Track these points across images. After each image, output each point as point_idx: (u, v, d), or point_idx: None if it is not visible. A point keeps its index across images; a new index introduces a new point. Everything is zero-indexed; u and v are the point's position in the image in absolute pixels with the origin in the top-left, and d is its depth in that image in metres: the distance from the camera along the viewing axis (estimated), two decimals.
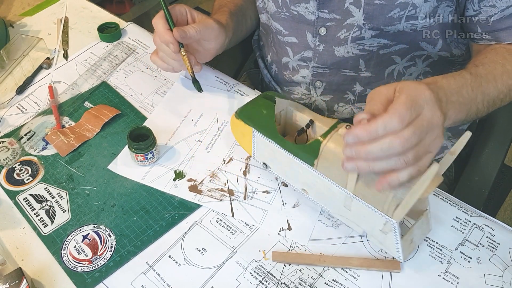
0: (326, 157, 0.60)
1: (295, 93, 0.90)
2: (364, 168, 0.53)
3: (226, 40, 0.82)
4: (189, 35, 0.75)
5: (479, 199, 0.81)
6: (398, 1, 0.71)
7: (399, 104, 0.51)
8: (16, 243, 0.65)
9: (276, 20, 0.84)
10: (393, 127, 0.50)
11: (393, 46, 0.78)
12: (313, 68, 0.84)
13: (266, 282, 0.61)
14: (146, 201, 0.70)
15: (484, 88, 0.67)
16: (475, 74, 0.67)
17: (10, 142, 0.78)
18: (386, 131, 0.50)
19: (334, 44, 0.79)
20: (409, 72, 0.83)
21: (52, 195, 0.71)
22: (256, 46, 1.02)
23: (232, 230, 0.66)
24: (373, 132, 0.50)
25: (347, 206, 0.61)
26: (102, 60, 0.93)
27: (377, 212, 0.57)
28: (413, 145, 0.51)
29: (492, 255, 0.63)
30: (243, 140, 0.72)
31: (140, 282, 0.61)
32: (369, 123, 0.50)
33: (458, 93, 0.62)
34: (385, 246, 0.61)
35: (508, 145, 0.87)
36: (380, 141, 0.50)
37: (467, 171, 0.85)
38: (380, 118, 0.50)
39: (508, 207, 1.59)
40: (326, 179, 0.61)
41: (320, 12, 0.77)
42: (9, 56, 0.92)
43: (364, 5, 0.73)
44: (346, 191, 0.59)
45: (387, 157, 0.51)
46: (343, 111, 0.88)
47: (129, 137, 0.72)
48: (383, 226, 0.58)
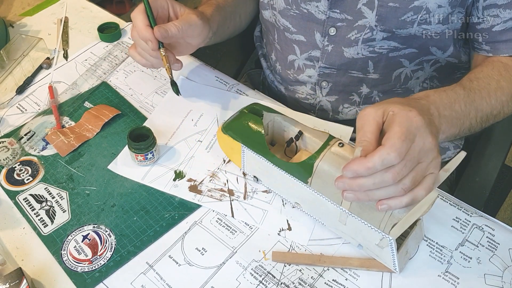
0: (320, 176, 0.60)
1: (300, 92, 0.90)
2: (363, 198, 0.53)
3: (210, 34, 0.78)
4: (170, 34, 0.71)
5: (479, 200, 0.81)
6: (412, 5, 0.71)
7: (395, 139, 0.50)
8: (16, 243, 0.65)
9: (284, 17, 0.82)
10: (390, 162, 0.50)
11: (403, 50, 0.78)
12: (320, 68, 0.83)
13: (266, 282, 0.61)
14: (146, 201, 0.70)
15: (478, 104, 0.67)
16: (468, 89, 0.67)
17: (10, 142, 0.78)
18: (384, 166, 0.50)
19: (344, 45, 0.79)
20: (416, 76, 0.83)
21: (52, 195, 0.71)
22: (259, 44, 1.01)
23: (232, 230, 0.66)
24: (371, 168, 0.50)
25: (342, 221, 0.61)
26: (102, 60, 0.93)
27: (373, 228, 0.58)
28: (406, 174, 0.51)
29: (492, 255, 0.63)
30: (232, 154, 0.72)
31: (140, 282, 0.61)
32: (367, 159, 0.50)
33: (451, 108, 0.63)
34: (381, 259, 0.61)
35: (508, 145, 0.87)
36: (372, 176, 0.51)
37: (468, 171, 0.85)
38: (378, 154, 0.49)
39: (508, 207, 1.59)
40: (321, 196, 0.61)
41: (331, 12, 0.76)
42: (9, 56, 0.92)
43: (377, 7, 0.72)
44: (341, 208, 0.60)
45: (382, 187, 0.52)
46: (347, 113, 0.88)
47: (129, 137, 0.72)
48: (379, 242, 0.58)
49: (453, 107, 0.63)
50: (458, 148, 0.91)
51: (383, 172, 0.50)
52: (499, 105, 0.70)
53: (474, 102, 0.66)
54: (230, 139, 0.69)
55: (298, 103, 0.91)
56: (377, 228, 0.57)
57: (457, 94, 0.65)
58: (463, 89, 0.66)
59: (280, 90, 0.94)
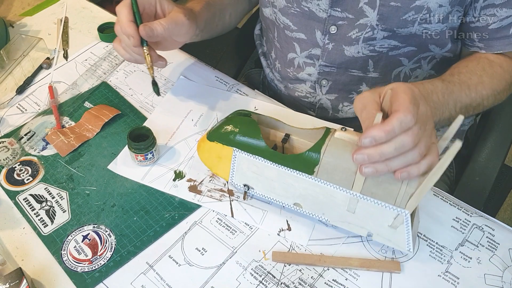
0: (328, 162, 0.59)
1: (299, 90, 0.90)
2: (383, 170, 0.54)
3: (197, 32, 0.77)
4: (156, 34, 0.69)
5: (479, 200, 0.81)
6: (413, 4, 0.71)
7: (406, 103, 0.52)
8: (16, 243, 0.65)
9: (284, 15, 0.82)
10: (407, 124, 0.51)
11: (402, 48, 0.78)
12: (320, 67, 0.83)
13: (266, 282, 0.61)
14: (146, 201, 0.70)
15: (456, 96, 0.69)
16: (447, 82, 0.70)
17: (10, 142, 0.78)
18: (402, 128, 0.51)
19: (344, 43, 0.79)
20: (415, 75, 0.83)
21: (52, 195, 0.71)
22: (259, 43, 1.01)
23: (232, 230, 0.66)
24: (390, 131, 0.51)
25: (351, 209, 0.61)
26: (102, 60, 0.93)
27: (387, 207, 0.58)
28: (420, 138, 0.53)
29: (492, 255, 0.63)
30: (218, 164, 0.68)
31: (140, 282, 0.61)
32: (386, 123, 0.51)
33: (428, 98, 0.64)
34: (393, 242, 0.61)
35: (508, 145, 0.87)
36: (392, 140, 0.52)
37: (467, 171, 0.85)
38: (395, 117, 0.51)
39: (508, 207, 1.59)
40: (328, 185, 0.60)
41: (333, 10, 0.76)
42: (9, 56, 0.92)
43: (379, 6, 0.72)
44: (351, 193, 0.59)
45: (401, 154, 0.53)
46: (347, 111, 0.88)
47: (129, 137, 0.72)
48: (393, 221, 0.59)
49: (430, 98, 0.65)
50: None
51: (402, 135, 0.52)
52: (479, 98, 0.73)
53: (452, 94, 0.69)
54: (218, 146, 0.66)
55: (298, 101, 0.91)
56: (393, 205, 0.57)
57: (434, 86, 0.67)
58: (442, 82, 0.69)
59: (280, 88, 0.94)
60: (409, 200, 0.56)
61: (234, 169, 0.67)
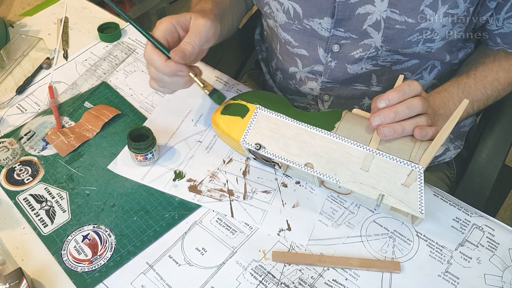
0: (349, 119, 0.65)
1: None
2: (398, 130, 0.61)
3: (218, 30, 0.72)
4: (188, 54, 0.66)
5: (479, 200, 0.81)
6: (418, 27, 0.70)
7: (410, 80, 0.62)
8: (16, 243, 0.65)
9: (285, 31, 0.80)
10: (415, 88, 0.61)
11: (406, 62, 0.78)
12: (323, 83, 0.82)
13: (266, 282, 0.61)
14: (146, 201, 0.70)
15: (473, 96, 0.75)
16: (463, 85, 0.74)
17: (10, 142, 0.78)
18: (411, 91, 0.61)
19: (347, 62, 0.78)
20: None
21: (52, 195, 0.71)
22: (259, 48, 1.00)
23: (232, 230, 0.66)
24: (400, 90, 0.61)
25: (365, 167, 0.62)
26: (102, 60, 0.93)
27: (401, 162, 0.61)
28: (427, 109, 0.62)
29: (492, 255, 0.63)
30: (234, 126, 0.68)
31: (140, 282, 0.61)
32: (396, 88, 0.61)
33: (445, 107, 0.72)
34: (405, 204, 0.60)
35: (508, 146, 0.87)
36: (404, 102, 0.61)
37: (468, 172, 0.85)
38: (404, 83, 0.61)
39: (508, 207, 1.59)
40: (346, 141, 0.64)
41: (335, 30, 0.75)
42: (9, 56, 0.92)
43: (384, 29, 0.71)
44: (368, 148, 0.62)
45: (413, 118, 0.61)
46: None
47: (129, 137, 0.72)
48: (406, 178, 0.61)
49: (447, 106, 0.72)
50: (459, 148, 0.91)
51: (412, 98, 0.61)
52: (495, 93, 0.77)
53: (468, 96, 0.74)
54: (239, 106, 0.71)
55: None
56: (407, 160, 0.61)
57: (449, 94, 0.73)
58: (457, 87, 0.74)
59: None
60: (423, 155, 0.61)
61: (251, 127, 0.68)
